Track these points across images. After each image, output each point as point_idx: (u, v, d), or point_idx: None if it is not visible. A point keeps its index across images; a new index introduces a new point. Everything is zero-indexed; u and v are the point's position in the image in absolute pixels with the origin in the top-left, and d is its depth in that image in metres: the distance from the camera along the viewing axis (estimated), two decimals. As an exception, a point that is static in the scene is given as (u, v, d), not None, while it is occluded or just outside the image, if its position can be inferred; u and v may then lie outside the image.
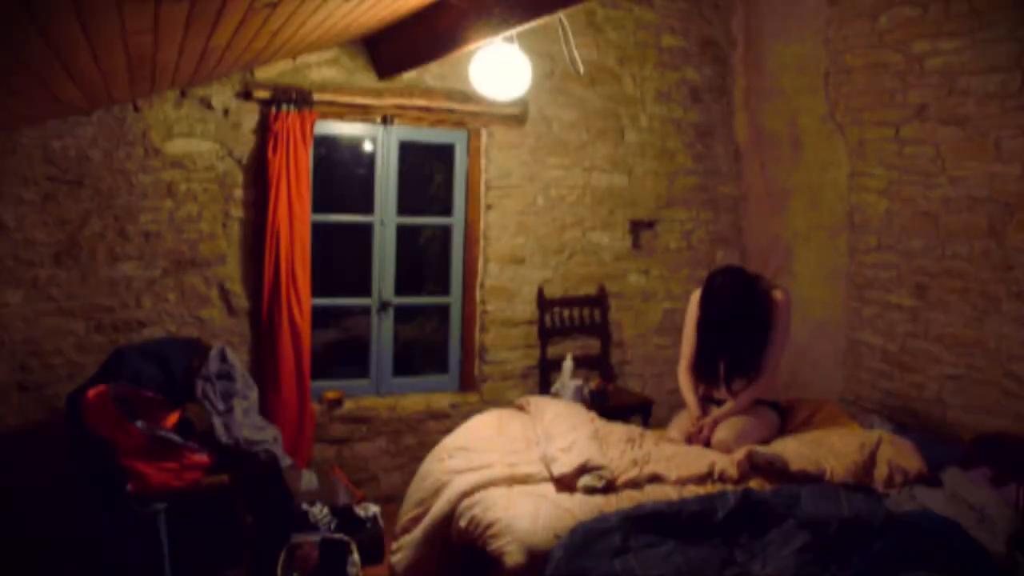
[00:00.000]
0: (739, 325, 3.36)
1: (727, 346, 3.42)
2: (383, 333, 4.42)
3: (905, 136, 3.89)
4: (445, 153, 4.59)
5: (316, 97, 3.96)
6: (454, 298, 4.58)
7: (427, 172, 4.88)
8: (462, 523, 2.77)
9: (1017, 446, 3.17)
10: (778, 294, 3.42)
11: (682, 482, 2.92)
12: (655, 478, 2.94)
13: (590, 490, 2.82)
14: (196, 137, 3.88)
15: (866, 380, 4.17)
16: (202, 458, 3.23)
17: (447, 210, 4.57)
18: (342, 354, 4.73)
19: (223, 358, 3.63)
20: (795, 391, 4.41)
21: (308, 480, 3.62)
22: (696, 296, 3.56)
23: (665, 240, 4.95)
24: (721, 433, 3.30)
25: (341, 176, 4.59)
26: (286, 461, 3.61)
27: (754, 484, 2.92)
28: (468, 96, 4.24)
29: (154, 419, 3.24)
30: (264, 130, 3.94)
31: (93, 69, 2.60)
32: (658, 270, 4.95)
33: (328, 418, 4.19)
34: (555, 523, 2.59)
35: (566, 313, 4.69)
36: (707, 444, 3.33)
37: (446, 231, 4.61)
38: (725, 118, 5.04)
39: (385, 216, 4.35)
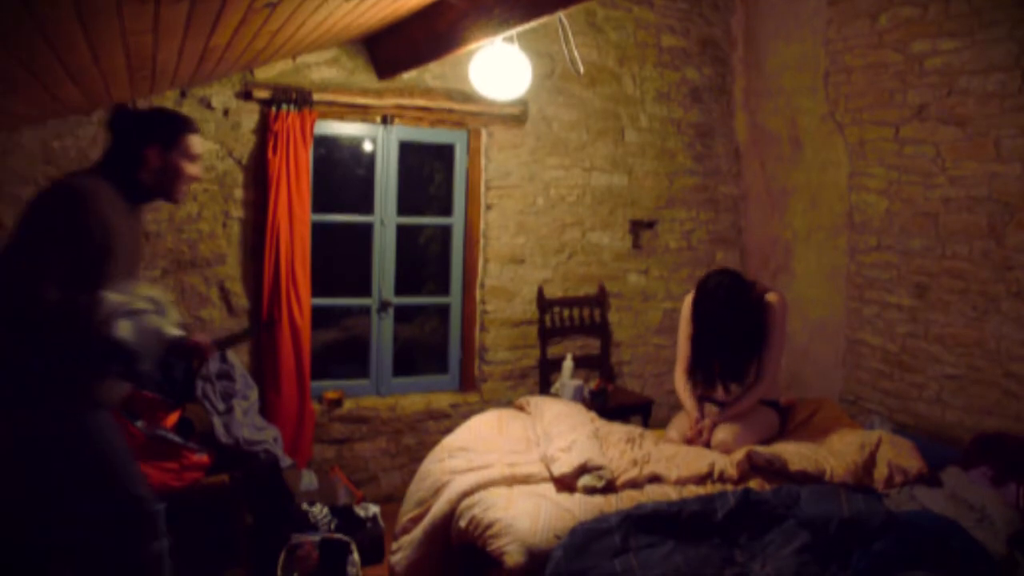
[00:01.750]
0: (734, 326, 3.34)
1: (722, 348, 3.40)
2: (383, 333, 4.42)
3: (905, 136, 3.89)
4: (445, 153, 4.59)
5: (316, 97, 3.96)
6: (454, 298, 4.58)
7: (427, 172, 4.88)
8: (462, 523, 2.76)
9: (1017, 446, 3.17)
10: (772, 297, 3.38)
11: (682, 482, 2.92)
12: (655, 478, 2.94)
13: (590, 490, 2.82)
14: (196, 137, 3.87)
15: (866, 380, 4.17)
16: (202, 458, 3.23)
17: (447, 210, 4.57)
18: (342, 354, 4.73)
19: (223, 358, 3.63)
20: (795, 391, 4.42)
21: (308, 480, 3.62)
22: (690, 298, 3.53)
23: (665, 240, 4.95)
24: (721, 434, 3.29)
25: (341, 176, 4.59)
26: (286, 461, 3.61)
27: (754, 484, 2.92)
28: (468, 96, 4.24)
29: (154, 419, 3.24)
30: (264, 130, 3.94)
31: (93, 69, 2.60)
32: (658, 270, 4.96)
33: (328, 418, 4.19)
34: (555, 523, 2.59)
35: (566, 313, 4.69)
36: (707, 445, 3.33)
37: (446, 231, 4.61)
38: (725, 118, 5.04)
39: (385, 216, 4.35)
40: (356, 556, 3.26)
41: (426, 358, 4.88)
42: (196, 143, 2.36)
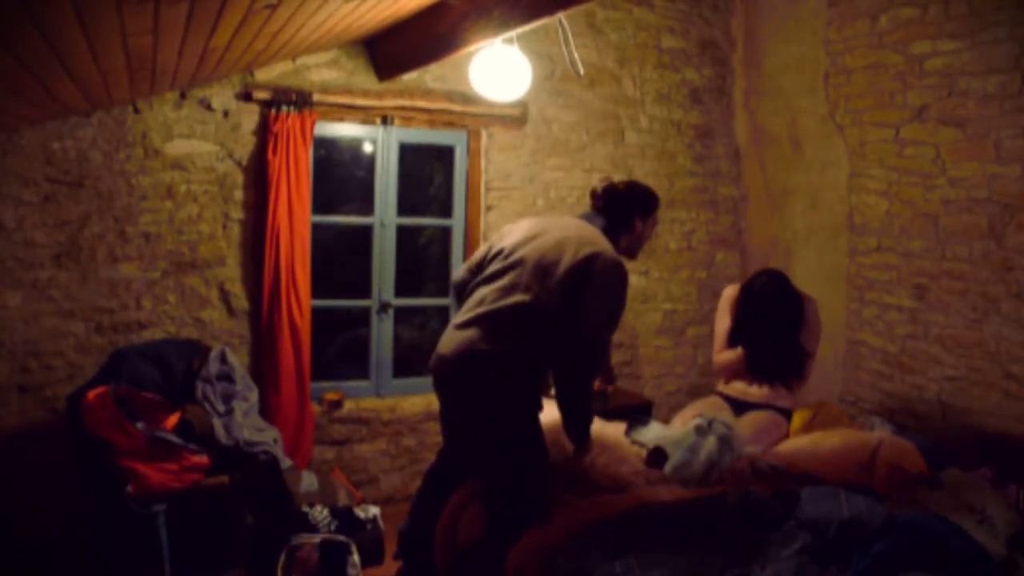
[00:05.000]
0: (780, 324, 3.41)
1: (775, 345, 3.46)
2: (383, 334, 4.42)
3: (905, 137, 3.89)
4: (445, 154, 4.59)
5: (316, 98, 3.96)
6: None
7: (427, 173, 4.88)
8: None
9: (1017, 447, 3.17)
10: (809, 299, 3.51)
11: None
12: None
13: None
14: (196, 138, 3.88)
15: (866, 381, 4.17)
16: (202, 459, 3.23)
17: (447, 211, 4.57)
18: (341, 355, 4.72)
19: (223, 359, 3.63)
20: (795, 393, 4.41)
21: (308, 481, 3.62)
22: (730, 291, 3.62)
23: (665, 241, 4.95)
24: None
25: (341, 177, 4.59)
26: (286, 462, 3.61)
27: (756, 487, 2.92)
28: (468, 97, 4.24)
29: (154, 420, 3.24)
30: (264, 131, 3.94)
31: (93, 69, 2.60)
32: (658, 271, 4.95)
33: (328, 419, 4.19)
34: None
35: (566, 314, 4.68)
36: None
37: (446, 232, 4.61)
38: (725, 119, 5.04)
39: (385, 217, 4.35)
40: (356, 557, 3.26)
41: (426, 360, 4.86)
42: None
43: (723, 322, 3.68)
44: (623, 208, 2.81)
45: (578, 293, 2.54)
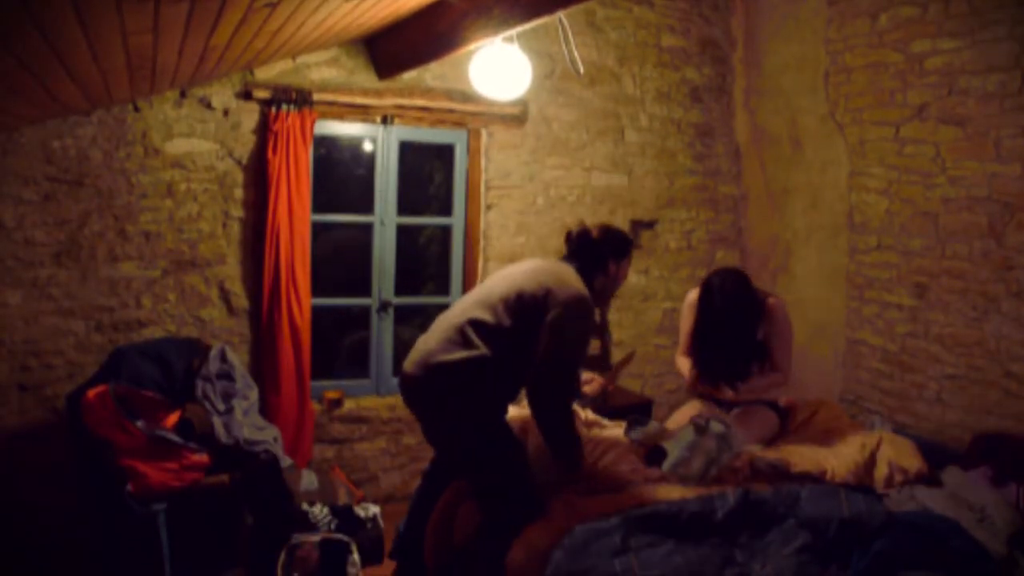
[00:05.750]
0: (737, 322, 3.35)
1: (723, 344, 3.41)
2: (383, 333, 4.42)
3: (905, 136, 3.89)
4: (445, 153, 4.59)
5: (316, 97, 3.96)
6: (454, 298, 4.58)
7: (427, 172, 4.88)
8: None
9: (1017, 446, 3.17)
10: (773, 300, 3.42)
11: (681, 481, 2.92)
12: (655, 478, 2.94)
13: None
14: (196, 137, 3.87)
15: (866, 380, 4.17)
16: (202, 458, 3.23)
17: (447, 210, 4.57)
18: (342, 354, 4.73)
19: (223, 358, 3.63)
20: (795, 391, 4.40)
21: (308, 480, 3.62)
22: (692, 295, 3.55)
23: (665, 240, 4.95)
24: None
25: (341, 176, 4.59)
26: (286, 461, 3.61)
27: (755, 486, 2.91)
28: (468, 96, 4.24)
29: (154, 419, 3.24)
30: (264, 130, 3.94)
31: (93, 69, 2.60)
32: (658, 270, 4.96)
33: (328, 418, 4.19)
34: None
35: (566, 313, 4.68)
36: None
37: (446, 231, 4.61)
38: (725, 118, 5.04)
39: (385, 216, 4.35)
40: (356, 556, 3.26)
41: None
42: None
43: (686, 325, 3.60)
44: (597, 252, 2.90)
45: (539, 322, 2.62)
